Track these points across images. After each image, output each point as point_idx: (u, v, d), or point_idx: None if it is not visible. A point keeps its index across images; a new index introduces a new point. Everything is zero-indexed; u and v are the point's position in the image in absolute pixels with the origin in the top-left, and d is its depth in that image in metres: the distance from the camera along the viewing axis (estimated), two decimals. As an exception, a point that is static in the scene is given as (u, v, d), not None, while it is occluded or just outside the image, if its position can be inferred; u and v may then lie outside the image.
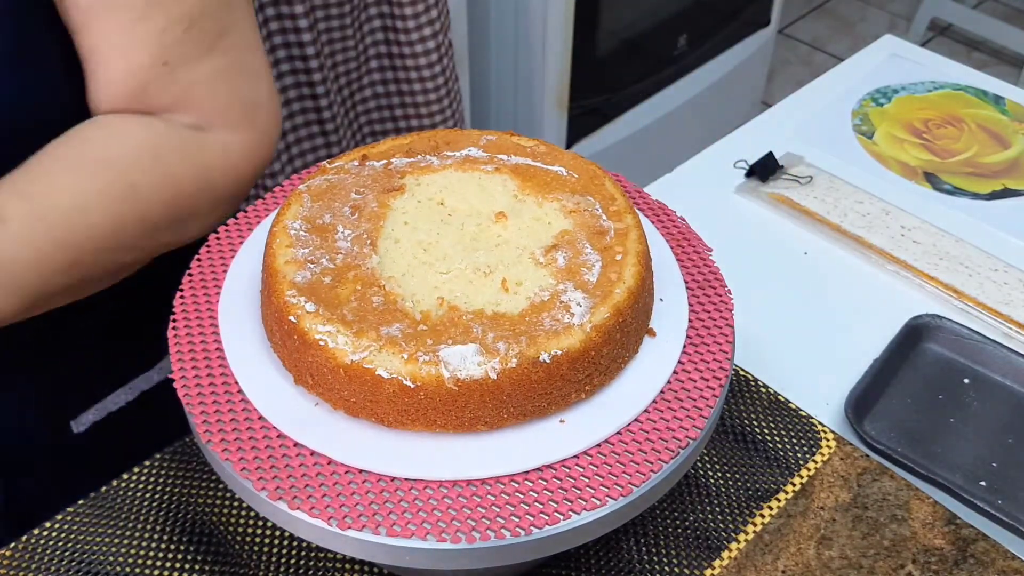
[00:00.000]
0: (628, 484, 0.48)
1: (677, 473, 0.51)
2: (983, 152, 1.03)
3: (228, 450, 0.49)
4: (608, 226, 0.55)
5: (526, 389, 0.49)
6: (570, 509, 0.47)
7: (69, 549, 0.62)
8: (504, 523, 0.47)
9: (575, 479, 0.49)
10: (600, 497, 0.48)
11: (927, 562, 0.63)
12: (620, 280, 0.52)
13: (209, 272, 0.59)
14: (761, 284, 0.86)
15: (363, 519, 0.47)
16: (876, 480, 0.68)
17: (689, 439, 0.50)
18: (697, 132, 2.07)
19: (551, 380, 0.49)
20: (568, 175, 0.59)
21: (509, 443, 0.50)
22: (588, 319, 0.50)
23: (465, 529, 0.46)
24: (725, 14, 2.13)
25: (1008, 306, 0.84)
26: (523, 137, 0.63)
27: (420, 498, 0.47)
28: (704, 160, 1.02)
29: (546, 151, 0.61)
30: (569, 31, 1.70)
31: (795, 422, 0.71)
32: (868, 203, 0.95)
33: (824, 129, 1.06)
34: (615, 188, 0.59)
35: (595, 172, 0.60)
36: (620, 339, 0.51)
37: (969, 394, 0.76)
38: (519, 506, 0.47)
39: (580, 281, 0.52)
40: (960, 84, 1.13)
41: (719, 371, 0.54)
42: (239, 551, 0.62)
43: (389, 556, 0.47)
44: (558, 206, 0.57)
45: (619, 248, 0.54)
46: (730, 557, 0.63)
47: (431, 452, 0.49)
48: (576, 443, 0.50)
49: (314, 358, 0.49)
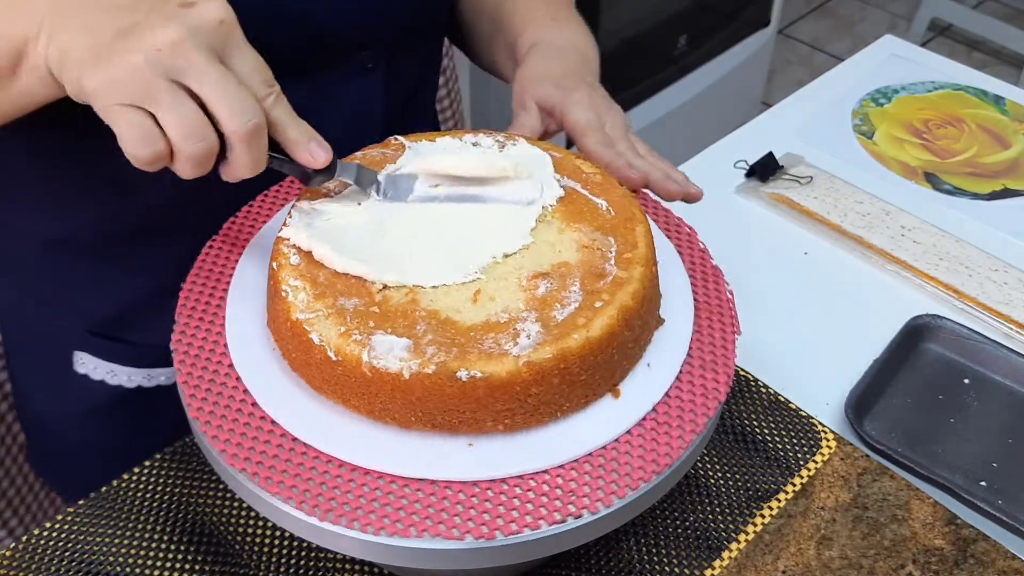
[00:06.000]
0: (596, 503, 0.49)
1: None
2: (983, 152, 1.03)
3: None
4: (610, 271, 0.53)
5: (436, 399, 0.48)
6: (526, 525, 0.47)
7: (69, 549, 0.62)
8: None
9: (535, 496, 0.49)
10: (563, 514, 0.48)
11: (927, 562, 0.63)
12: (585, 327, 0.49)
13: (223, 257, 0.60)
14: (761, 284, 0.86)
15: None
16: (876, 480, 0.68)
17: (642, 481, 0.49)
18: (697, 132, 2.07)
19: (464, 399, 0.48)
20: (606, 210, 0.57)
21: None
22: (527, 354, 0.48)
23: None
24: (725, 14, 2.13)
25: (1008, 306, 0.84)
26: (587, 162, 0.61)
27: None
28: (704, 160, 1.01)
29: (601, 181, 0.60)
30: (569, 31, 1.70)
31: (795, 422, 0.71)
32: (868, 203, 0.95)
33: (824, 129, 1.06)
34: (645, 236, 0.55)
35: (633, 214, 0.57)
36: (559, 385, 0.49)
37: (969, 394, 0.76)
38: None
39: (546, 315, 0.50)
40: (960, 84, 1.13)
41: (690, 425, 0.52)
42: (239, 551, 0.62)
43: (389, 556, 0.47)
44: (576, 237, 0.55)
45: (606, 296, 0.51)
46: (730, 557, 0.63)
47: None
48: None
49: (278, 307, 0.52)
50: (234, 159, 0.49)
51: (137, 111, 0.47)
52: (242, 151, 0.49)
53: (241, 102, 0.48)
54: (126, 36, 0.47)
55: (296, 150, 0.52)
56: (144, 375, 0.79)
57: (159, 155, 0.48)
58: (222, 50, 0.48)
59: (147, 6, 0.48)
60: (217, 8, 0.48)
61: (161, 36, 0.46)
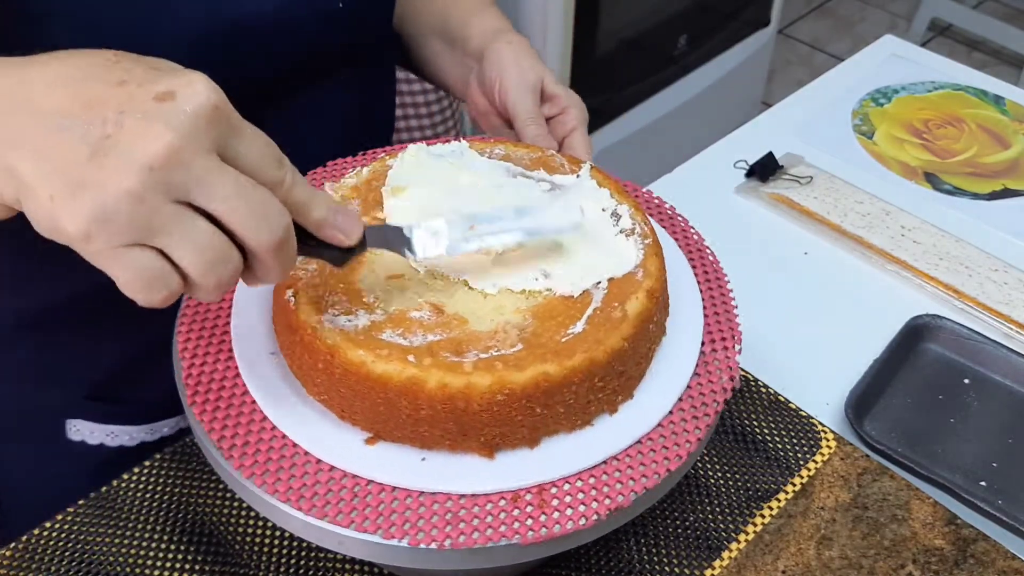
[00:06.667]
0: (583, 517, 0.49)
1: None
2: (983, 152, 1.03)
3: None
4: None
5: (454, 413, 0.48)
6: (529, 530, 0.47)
7: (69, 549, 0.62)
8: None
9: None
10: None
11: (927, 562, 0.63)
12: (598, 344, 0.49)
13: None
14: (761, 284, 0.86)
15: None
16: (876, 480, 0.68)
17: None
18: (697, 132, 2.07)
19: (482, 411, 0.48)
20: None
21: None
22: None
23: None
24: (725, 14, 2.13)
25: (1008, 306, 0.83)
26: (602, 176, 0.61)
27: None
28: (704, 160, 1.01)
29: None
30: (569, 31, 1.70)
31: (795, 422, 0.71)
32: (868, 203, 0.95)
33: (824, 129, 1.06)
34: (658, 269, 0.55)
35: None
36: (583, 389, 0.49)
37: (969, 394, 0.76)
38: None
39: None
40: (960, 84, 1.13)
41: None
42: (239, 551, 0.62)
43: (389, 556, 0.47)
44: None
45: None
46: (730, 557, 0.63)
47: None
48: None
49: (285, 314, 0.52)
50: (262, 271, 0.42)
51: (139, 249, 0.38)
52: (271, 262, 0.42)
53: (264, 208, 0.40)
54: (104, 155, 0.37)
55: (325, 231, 0.45)
56: (147, 430, 0.76)
57: (173, 294, 0.40)
58: (223, 143, 0.39)
59: (113, 107, 0.38)
60: (204, 90, 0.39)
61: (150, 148, 0.37)
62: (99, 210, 0.37)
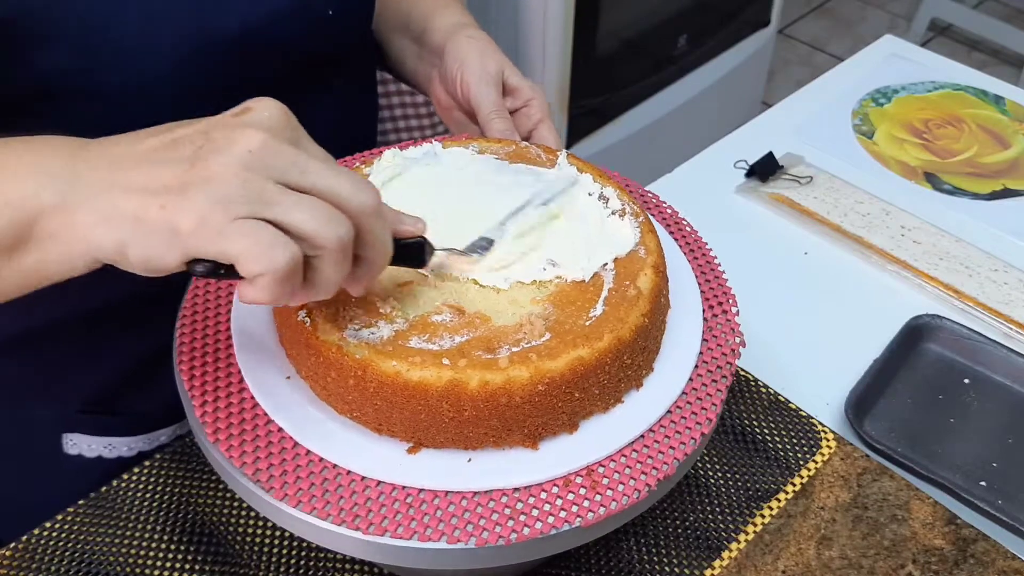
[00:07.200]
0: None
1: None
2: (983, 152, 1.03)
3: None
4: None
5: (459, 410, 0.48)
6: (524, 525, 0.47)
7: (69, 549, 0.62)
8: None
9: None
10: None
11: (927, 562, 0.63)
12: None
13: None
14: (761, 284, 0.85)
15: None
16: (876, 480, 0.68)
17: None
18: (697, 132, 2.07)
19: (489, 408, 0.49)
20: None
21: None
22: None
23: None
24: (725, 14, 2.13)
25: (1008, 306, 0.83)
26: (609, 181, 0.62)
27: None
28: (704, 160, 1.01)
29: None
30: (569, 31, 1.70)
31: (795, 422, 0.71)
32: (868, 203, 0.95)
33: (824, 129, 1.06)
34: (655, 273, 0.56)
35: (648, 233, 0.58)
36: (587, 386, 0.50)
37: (969, 394, 0.76)
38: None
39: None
40: (960, 84, 1.13)
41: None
42: (239, 551, 0.62)
43: (389, 556, 0.47)
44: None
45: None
46: (730, 557, 0.63)
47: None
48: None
49: (291, 322, 0.52)
50: (326, 271, 0.43)
51: (254, 220, 0.41)
52: (373, 228, 0.44)
53: (352, 182, 0.43)
54: (203, 160, 0.41)
55: (402, 227, 0.48)
56: (144, 440, 0.76)
57: (296, 259, 0.41)
58: (297, 143, 0.44)
59: (199, 131, 0.42)
60: (274, 103, 0.44)
61: (244, 142, 0.41)
62: (212, 193, 0.40)
